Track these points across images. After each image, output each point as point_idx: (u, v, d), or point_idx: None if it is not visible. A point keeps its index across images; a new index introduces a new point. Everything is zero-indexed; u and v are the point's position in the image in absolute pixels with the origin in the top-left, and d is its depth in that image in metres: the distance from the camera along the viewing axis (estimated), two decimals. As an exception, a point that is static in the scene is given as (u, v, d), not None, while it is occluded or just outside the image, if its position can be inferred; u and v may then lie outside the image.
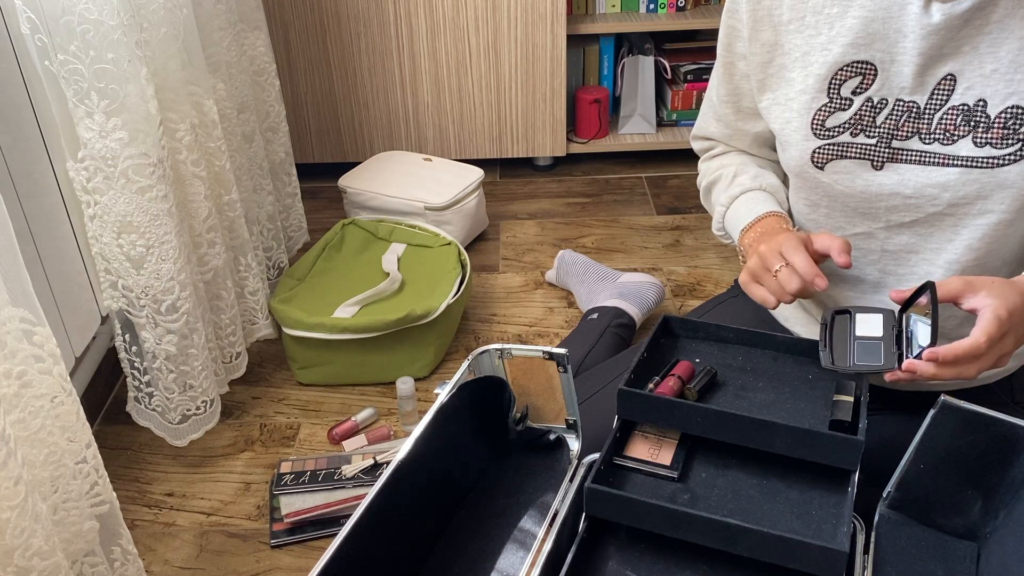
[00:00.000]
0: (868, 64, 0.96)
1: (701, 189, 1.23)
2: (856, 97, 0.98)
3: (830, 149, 1.01)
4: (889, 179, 0.99)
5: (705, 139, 1.24)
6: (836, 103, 0.99)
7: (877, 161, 0.99)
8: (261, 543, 1.39)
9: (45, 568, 0.91)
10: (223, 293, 1.54)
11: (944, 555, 0.89)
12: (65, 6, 1.15)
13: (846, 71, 0.98)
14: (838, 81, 0.98)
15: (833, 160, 1.01)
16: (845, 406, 0.92)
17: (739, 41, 1.08)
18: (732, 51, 1.10)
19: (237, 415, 1.65)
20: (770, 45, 1.03)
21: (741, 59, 1.09)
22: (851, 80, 0.98)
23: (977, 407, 0.86)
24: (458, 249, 1.86)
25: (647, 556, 0.90)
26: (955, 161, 0.95)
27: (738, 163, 1.17)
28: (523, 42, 2.26)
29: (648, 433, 0.99)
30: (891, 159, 0.98)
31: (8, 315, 0.90)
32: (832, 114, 1.00)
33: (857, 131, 0.99)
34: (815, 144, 1.01)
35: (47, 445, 0.97)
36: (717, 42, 1.12)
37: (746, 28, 1.05)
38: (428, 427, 0.91)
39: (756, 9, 1.03)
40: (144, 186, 1.28)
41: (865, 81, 0.97)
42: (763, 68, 1.05)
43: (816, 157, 1.01)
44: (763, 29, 1.03)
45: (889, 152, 0.98)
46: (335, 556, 0.77)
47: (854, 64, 0.97)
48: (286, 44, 2.27)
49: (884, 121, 0.97)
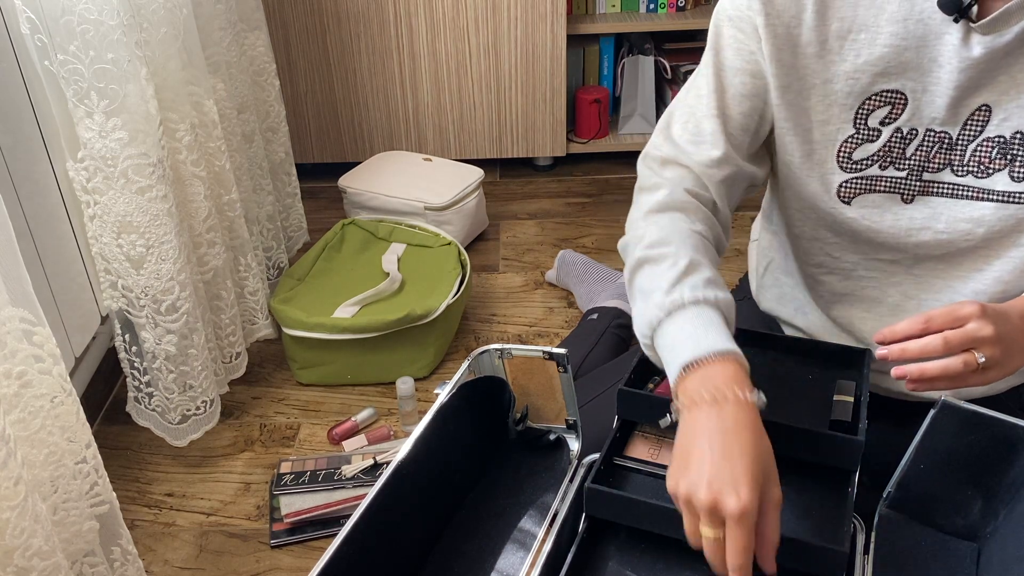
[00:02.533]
0: (898, 93, 0.90)
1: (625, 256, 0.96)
2: (884, 128, 0.92)
3: (858, 183, 0.94)
4: (920, 213, 0.94)
5: (660, 162, 0.98)
6: (864, 134, 0.93)
7: (907, 195, 0.93)
8: (261, 543, 1.39)
9: (45, 568, 0.91)
10: (223, 293, 1.54)
11: (944, 555, 0.89)
12: (65, 6, 1.15)
13: (874, 100, 0.91)
14: (865, 111, 0.92)
15: (861, 194, 0.95)
16: (845, 406, 0.92)
17: (740, 57, 0.94)
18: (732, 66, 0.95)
19: (237, 415, 1.65)
20: (787, 67, 0.92)
21: (738, 74, 0.94)
22: (879, 110, 0.91)
23: (977, 407, 0.86)
24: (458, 249, 1.86)
25: (647, 556, 0.90)
26: (991, 196, 0.90)
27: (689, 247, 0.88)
28: (523, 42, 2.26)
29: (648, 433, 0.99)
30: (922, 192, 0.93)
31: (8, 315, 0.90)
32: (860, 146, 0.93)
33: (886, 164, 0.93)
34: (841, 178, 0.95)
35: (47, 445, 0.97)
36: (706, 50, 0.97)
37: (765, 45, 0.91)
38: (428, 427, 0.91)
39: (774, 25, 0.90)
40: (144, 186, 1.28)
41: (894, 111, 0.91)
42: (780, 93, 0.93)
43: (843, 192, 0.95)
44: (783, 48, 0.92)
45: (920, 185, 0.93)
46: (335, 556, 0.77)
47: (883, 93, 0.91)
48: (286, 44, 2.27)
49: (914, 153, 0.92)
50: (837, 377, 0.99)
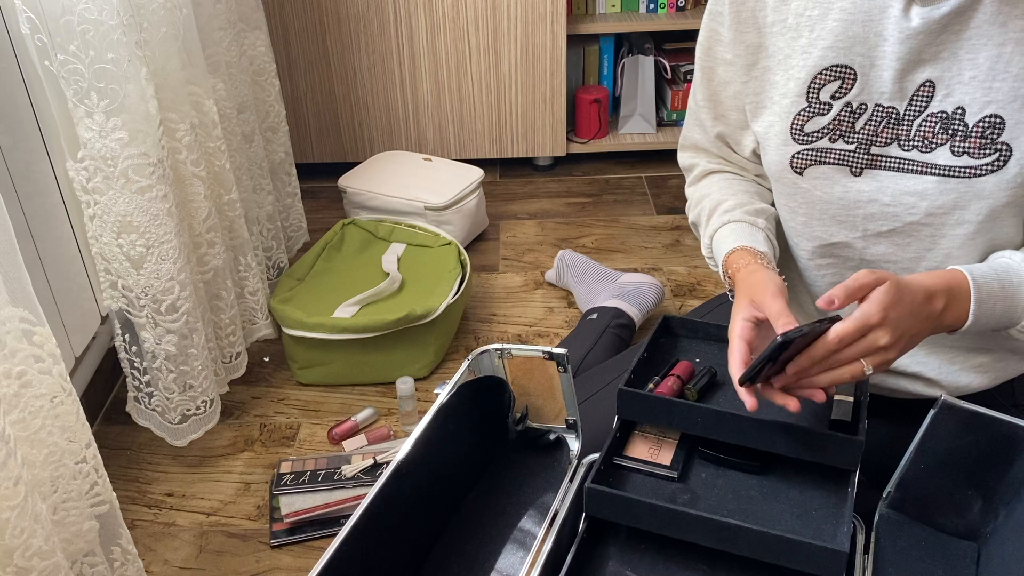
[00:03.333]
0: (847, 68, 0.95)
1: (690, 224, 1.19)
2: (835, 102, 0.96)
3: (809, 154, 0.99)
4: (868, 186, 0.97)
5: (692, 148, 1.19)
6: (815, 107, 0.97)
7: (856, 167, 0.97)
8: (261, 543, 1.39)
9: (45, 568, 0.91)
10: (223, 293, 1.54)
11: (944, 555, 0.89)
12: (65, 6, 1.15)
13: (825, 75, 0.96)
14: (817, 85, 0.97)
15: (812, 165, 0.99)
16: (845, 406, 0.92)
17: (720, 45, 1.06)
18: (712, 55, 1.07)
19: (237, 415, 1.65)
20: (755, 47, 1.01)
21: (721, 64, 1.07)
22: (830, 84, 0.96)
23: (977, 407, 0.86)
24: (458, 249, 1.86)
25: (647, 556, 0.90)
26: (933, 170, 0.93)
27: (716, 192, 1.12)
28: (523, 42, 2.26)
29: (648, 433, 0.99)
30: (870, 165, 0.97)
31: (8, 315, 0.90)
32: (811, 119, 0.98)
33: (836, 136, 0.97)
34: (794, 149, 1.00)
35: (47, 445, 0.97)
36: (697, 45, 1.10)
37: (729, 31, 1.02)
38: (428, 427, 0.91)
39: (740, 11, 1.00)
40: (144, 186, 1.28)
41: (844, 85, 0.95)
42: (747, 71, 1.03)
43: (795, 162, 1.00)
44: (747, 31, 1.01)
45: (868, 158, 0.97)
46: (335, 556, 0.77)
47: (833, 68, 0.95)
48: (286, 44, 2.27)
49: (863, 127, 0.96)
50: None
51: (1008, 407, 1.08)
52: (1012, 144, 0.89)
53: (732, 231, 1.05)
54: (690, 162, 1.19)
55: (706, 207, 1.12)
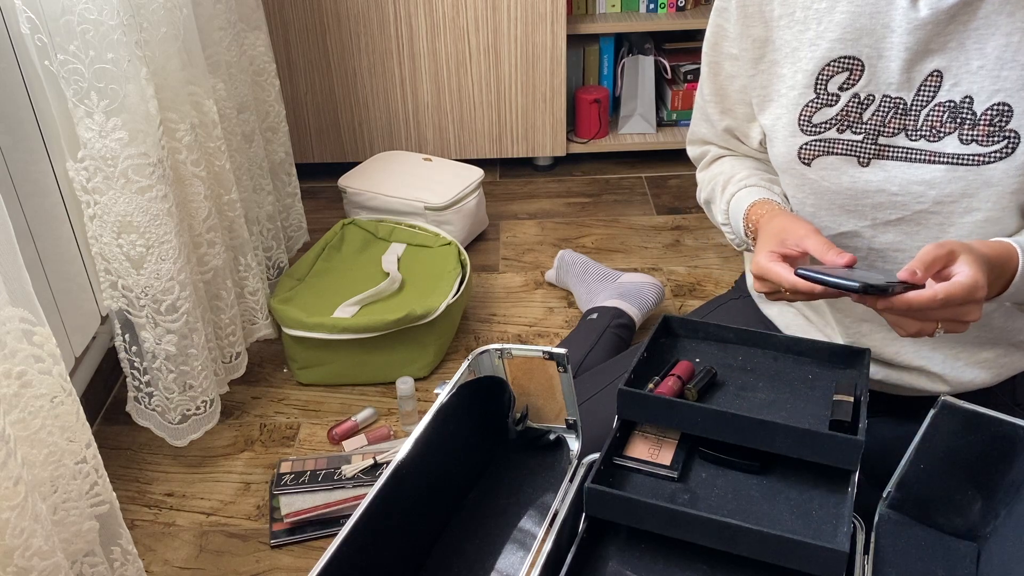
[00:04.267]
0: (855, 60, 0.96)
1: (702, 204, 1.22)
2: (843, 93, 0.98)
3: (817, 145, 1.00)
4: (875, 176, 0.98)
5: (700, 142, 1.22)
6: (823, 99, 0.99)
7: (863, 158, 0.98)
8: (261, 543, 1.39)
9: (45, 568, 0.91)
10: (223, 293, 1.54)
11: (944, 555, 0.89)
12: (65, 6, 1.15)
13: (833, 66, 0.97)
14: (825, 76, 0.98)
15: (820, 156, 1.00)
16: (845, 406, 0.92)
17: (726, 41, 1.08)
18: (718, 51, 1.09)
19: (237, 415, 1.65)
20: (761, 41, 1.03)
21: (728, 59, 1.09)
22: (838, 76, 0.97)
23: (977, 407, 0.86)
24: (458, 249, 1.86)
25: (647, 556, 0.90)
26: (941, 158, 0.94)
27: (728, 168, 1.15)
28: (523, 42, 2.26)
29: (648, 433, 0.99)
30: (877, 155, 0.98)
31: (8, 315, 0.90)
32: (819, 110, 0.99)
33: (844, 127, 0.98)
34: (802, 140, 1.01)
35: (47, 445, 0.97)
36: (703, 42, 1.12)
37: (736, 25, 1.04)
38: (428, 427, 0.91)
39: (747, 6, 1.02)
40: (144, 186, 1.28)
41: (852, 77, 0.97)
42: (754, 64, 1.04)
43: (803, 153, 1.01)
44: (754, 25, 1.02)
45: (875, 148, 0.98)
46: (335, 556, 0.77)
47: (841, 60, 0.97)
48: (286, 44, 2.27)
49: (871, 117, 0.97)
50: (837, 377, 1.00)
51: (1009, 406, 1.08)
52: (1021, 132, 0.90)
53: (750, 193, 1.08)
54: (700, 151, 1.22)
55: (720, 180, 1.14)
